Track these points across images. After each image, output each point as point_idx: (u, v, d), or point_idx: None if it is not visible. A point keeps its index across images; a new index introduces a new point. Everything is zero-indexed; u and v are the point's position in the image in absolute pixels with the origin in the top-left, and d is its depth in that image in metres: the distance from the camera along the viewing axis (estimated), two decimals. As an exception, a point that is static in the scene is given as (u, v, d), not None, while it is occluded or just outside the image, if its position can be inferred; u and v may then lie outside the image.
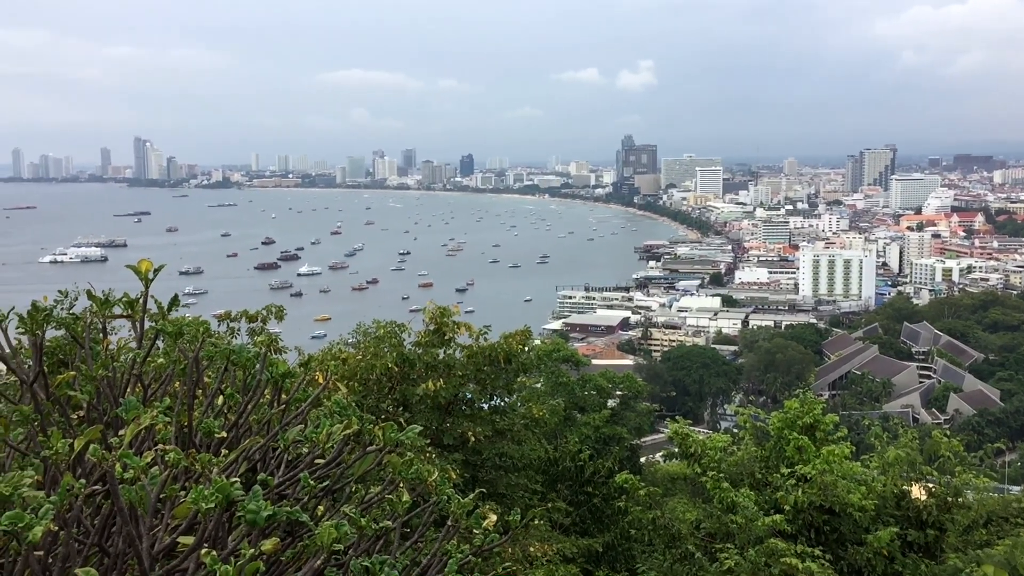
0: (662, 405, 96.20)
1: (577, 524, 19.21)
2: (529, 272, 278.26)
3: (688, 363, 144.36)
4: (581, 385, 30.76)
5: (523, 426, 16.62)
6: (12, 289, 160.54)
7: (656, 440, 58.23)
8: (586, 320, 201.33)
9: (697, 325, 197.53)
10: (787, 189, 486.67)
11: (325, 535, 3.24)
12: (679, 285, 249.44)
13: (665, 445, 37.14)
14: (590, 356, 67.97)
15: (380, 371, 14.94)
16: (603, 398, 31.42)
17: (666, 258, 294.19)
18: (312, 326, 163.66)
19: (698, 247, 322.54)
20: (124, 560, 3.42)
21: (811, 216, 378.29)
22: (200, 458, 3.52)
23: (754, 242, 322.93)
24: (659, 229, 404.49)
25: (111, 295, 5.09)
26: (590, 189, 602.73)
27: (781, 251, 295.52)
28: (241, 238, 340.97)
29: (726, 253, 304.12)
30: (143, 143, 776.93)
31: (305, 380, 5.20)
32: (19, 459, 4.11)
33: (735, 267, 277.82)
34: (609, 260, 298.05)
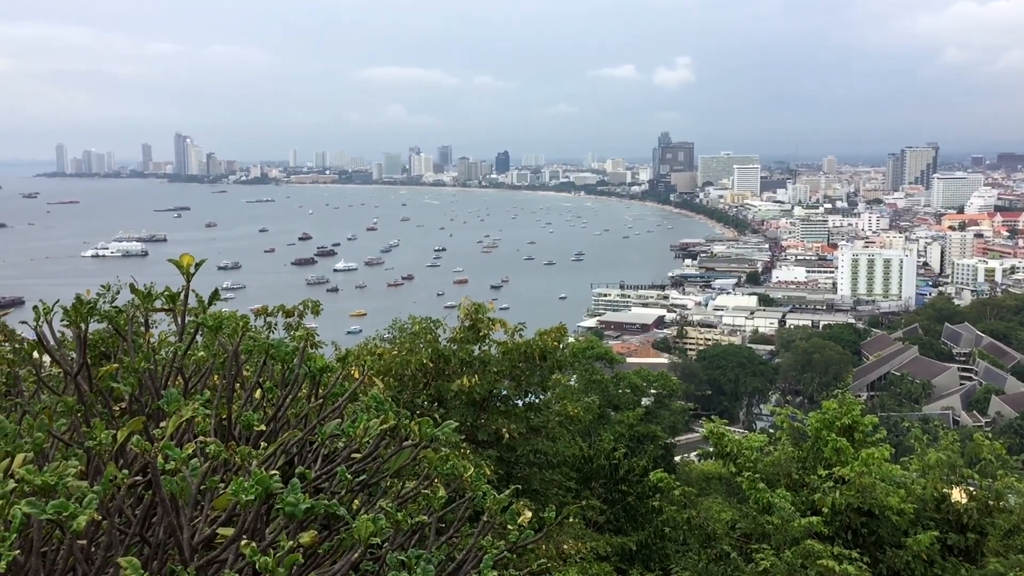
0: (697, 404, 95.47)
1: (611, 522, 19.17)
2: (564, 269, 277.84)
3: (724, 362, 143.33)
4: (615, 383, 30.71)
5: (557, 423, 16.61)
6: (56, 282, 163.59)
7: (690, 439, 57.96)
8: (621, 318, 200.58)
9: (733, 324, 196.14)
10: (826, 187, 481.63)
11: (362, 528, 3.26)
12: (715, 283, 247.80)
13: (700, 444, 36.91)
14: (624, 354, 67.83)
15: (415, 367, 15.00)
16: (637, 396, 31.34)
17: (702, 256, 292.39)
18: (348, 321, 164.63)
19: (735, 245, 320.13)
20: (165, 550, 3.46)
21: (850, 215, 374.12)
22: (240, 450, 3.55)
23: (792, 241, 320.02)
24: (695, 227, 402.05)
25: (153, 289, 5.15)
26: (626, 186, 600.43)
27: (819, 250, 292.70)
28: (278, 234, 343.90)
29: (763, 252, 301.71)
30: (183, 139, 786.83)
31: (342, 375, 5.23)
32: (63, 449, 4.18)
33: (772, 266, 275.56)
34: (645, 258, 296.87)
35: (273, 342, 4.96)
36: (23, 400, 4.81)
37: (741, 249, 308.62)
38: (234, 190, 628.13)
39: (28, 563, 3.03)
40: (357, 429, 4.30)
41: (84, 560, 2.98)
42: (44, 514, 2.71)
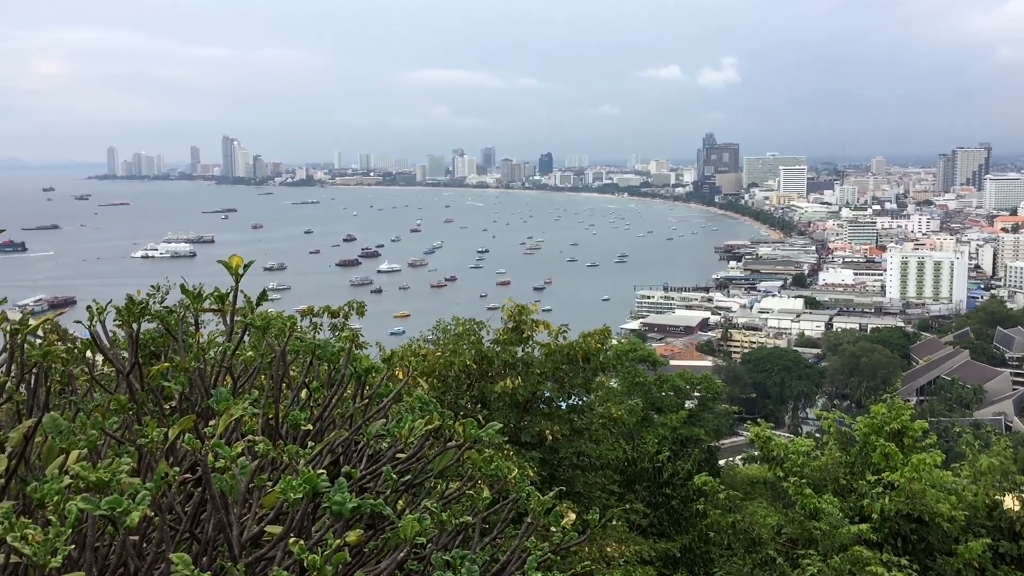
0: (741, 407, 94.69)
1: (655, 526, 19.06)
2: (607, 271, 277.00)
3: (769, 365, 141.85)
4: (659, 385, 30.50)
5: (601, 425, 16.57)
6: (106, 283, 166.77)
7: (735, 443, 57.44)
8: (664, 320, 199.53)
9: (779, 327, 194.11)
10: (874, 189, 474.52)
11: (408, 528, 3.27)
12: (760, 286, 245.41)
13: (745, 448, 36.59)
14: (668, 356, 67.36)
15: (459, 368, 15.06)
16: (681, 399, 31.09)
17: (747, 258, 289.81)
18: (391, 322, 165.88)
19: (780, 247, 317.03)
20: (214, 546, 3.51)
21: (899, 216, 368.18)
22: (287, 449, 3.59)
23: (839, 243, 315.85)
24: (740, 229, 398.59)
25: (202, 290, 5.23)
26: (670, 188, 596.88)
27: (867, 252, 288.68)
28: (323, 235, 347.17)
29: (810, 254, 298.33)
30: (231, 142, 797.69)
31: (387, 376, 5.26)
32: (115, 446, 4.26)
33: (819, 268, 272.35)
34: (689, 260, 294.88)
35: (319, 342, 5.00)
36: (77, 398, 4.91)
37: (787, 251, 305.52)
38: (280, 192, 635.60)
39: (82, 558, 3.09)
40: (402, 429, 4.32)
41: (136, 555, 3.03)
42: (98, 510, 2.76)
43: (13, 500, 3.48)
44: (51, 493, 2.85)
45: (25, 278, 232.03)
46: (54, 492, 2.85)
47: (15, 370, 4.10)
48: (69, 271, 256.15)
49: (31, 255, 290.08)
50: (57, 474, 3.04)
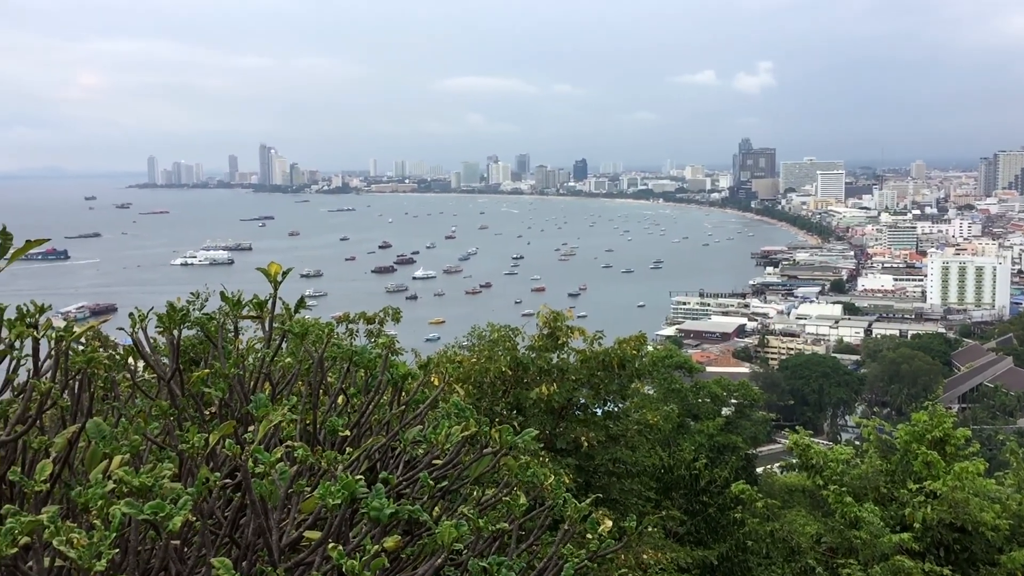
0: (779, 414, 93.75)
1: (692, 533, 18.91)
2: (642, 277, 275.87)
3: (807, 372, 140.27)
4: (695, 392, 30.35)
5: (637, 432, 16.48)
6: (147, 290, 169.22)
7: (773, 450, 56.89)
8: (701, 326, 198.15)
9: (817, 333, 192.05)
10: (914, 193, 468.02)
11: (446, 534, 3.28)
12: (798, 292, 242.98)
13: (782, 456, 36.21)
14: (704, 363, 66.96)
15: (494, 374, 15.06)
16: (717, 406, 30.90)
17: (784, 264, 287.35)
18: (426, 329, 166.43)
19: (818, 253, 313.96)
20: (254, 551, 3.54)
21: (940, 221, 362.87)
22: (326, 455, 3.62)
23: (878, 248, 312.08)
24: (777, 234, 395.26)
25: (241, 297, 5.29)
26: (705, 193, 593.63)
27: (907, 257, 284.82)
28: (359, 242, 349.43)
29: (848, 259, 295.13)
30: (268, 150, 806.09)
31: (423, 382, 5.28)
32: (156, 452, 4.32)
33: (858, 274, 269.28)
34: (725, 266, 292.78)
35: (357, 349, 5.04)
36: (120, 404, 4.99)
37: (825, 256, 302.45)
38: (316, 199, 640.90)
39: (125, 561, 3.13)
40: (439, 436, 4.34)
41: (177, 559, 3.07)
42: (142, 514, 2.80)
43: (58, 504, 3.55)
44: (95, 497, 2.90)
45: (68, 285, 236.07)
46: (98, 496, 2.90)
47: (60, 376, 4.17)
48: (110, 278, 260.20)
49: (73, 263, 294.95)
50: (101, 479, 3.09)
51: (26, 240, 3.38)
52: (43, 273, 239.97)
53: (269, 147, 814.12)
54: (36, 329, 3.98)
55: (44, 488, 3.22)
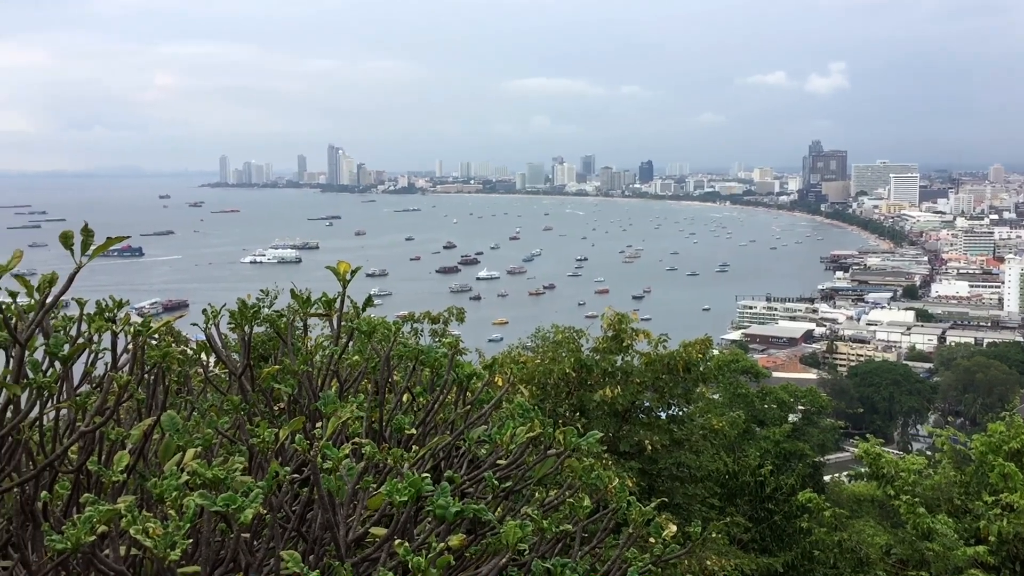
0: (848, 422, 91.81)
1: (756, 541, 18.64)
2: (708, 280, 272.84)
3: (877, 379, 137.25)
4: (761, 398, 29.90)
5: (701, 437, 16.31)
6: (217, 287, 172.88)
7: (841, 459, 55.79)
8: (767, 331, 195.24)
9: (888, 340, 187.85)
10: (992, 197, 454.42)
11: (510, 534, 3.29)
12: (868, 297, 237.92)
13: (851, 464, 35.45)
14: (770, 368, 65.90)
15: (558, 376, 15.04)
16: (784, 412, 30.40)
17: (855, 269, 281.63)
18: (490, 329, 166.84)
19: (890, 258, 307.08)
20: (320, 545, 3.59)
21: (1019, 226, 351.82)
22: (392, 452, 3.65)
23: (953, 253, 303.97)
24: (847, 238, 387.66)
25: (310, 295, 5.36)
26: (774, 196, 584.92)
27: (984, 263, 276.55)
28: (424, 242, 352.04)
29: (921, 265, 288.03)
30: (336, 150, 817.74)
31: (488, 382, 5.30)
32: (227, 445, 4.40)
33: (931, 280, 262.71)
34: (793, 270, 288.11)
35: (423, 348, 5.08)
36: (192, 398, 5.11)
37: (897, 262, 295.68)
38: (382, 199, 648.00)
39: (197, 552, 3.20)
40: (504, 436, 4.34)
41: (247, 551, 3.12)
42: (214, 506, 2.86)
43: (133, 495, 3.64)
44: (170, 489, 2.96)
45: (142, 281, 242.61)
46: (173, 488, 2.96)
47: (136, 370, 4.28)
48: (183, 275, 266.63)
49: (148, 259, 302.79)
50: (175, 471, 3.16)
51: (107, 237, 3.48)
52: (119, 269, 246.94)
53: (337, 147, 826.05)
54: (115, 324, 4.09)
55: (121, 478, 3.31)
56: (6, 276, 3.39)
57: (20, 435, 3.42)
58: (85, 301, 4.16)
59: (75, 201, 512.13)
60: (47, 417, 3.81)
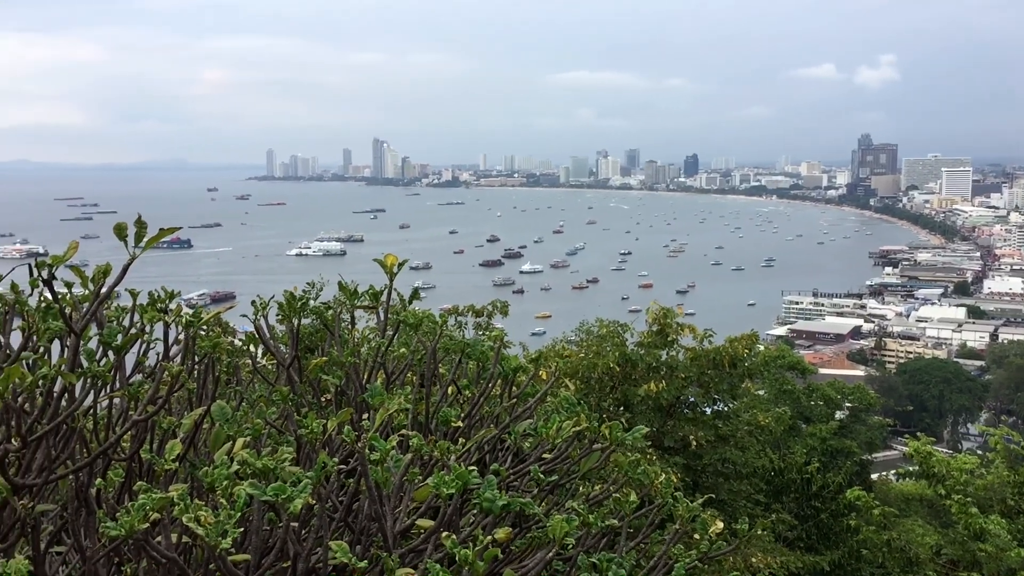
0: (896, 420, 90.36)
1: (802, 539, 18.42)
2: (753, 275, 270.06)
3: (927, 377, 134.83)
4: (807, 394, 29.59)
5: (747, 432, 16.15)
6: (265, 279, 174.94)
7: (888, 457, 55.00)
8: (814, 327, 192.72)
9: (938, 337, 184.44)
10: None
11: (557, 528, 3.27)
12: (918, 293, 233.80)
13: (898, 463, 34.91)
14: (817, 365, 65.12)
15: (602, 370, 14.99)
16: (831, 409, 30.06)
17: (904, 264, 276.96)
18: (533, 323, 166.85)
19: (941, 253, 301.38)
20: (368, 536, 3.61)
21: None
22: (439, 445, 3.66)
23: (1007, 249, 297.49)
24: (897, 233, 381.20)
25: (357, 287, 5.39)
26: (821, 190, 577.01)
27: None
28: (467, 235, 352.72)
29: (973, 261, 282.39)
30: (381, 144, 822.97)
31: (533, 376, 5.29)
32: (275, 436, 4.44)
33: (984, 276, 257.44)
34: (841, 265, 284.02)
35: (469, 341, 5.08)
36: (241, 388, 5.16)
37: (948, 257, 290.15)
38: (426, 193, 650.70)
39: (246, 540, 3.23)
40: (550, 429, 4.33)
41: (296, 541, 3.15)
42: (264, 495, 2.88)
43: (183, 483, 3.69)
44: (220, 478, 2.99)
45: (191, 273, 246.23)
46: (223, 477, 3.00)
47: (187, 360, 4.33)
48: (229, 267, 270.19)
49: (196, 251, 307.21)
50: (225, 460, 3.19)
51: (160, 228, 3.52)
52: (168, 261, 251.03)
53: (382, 141, 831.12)
54: (167, 314, 4.15)
55: (173, 467, 3.36)
56: (61, 267, 3.44)
57: (75, 423, 3.48)
58: (138, 292, 4.22)
59: (126, 193, 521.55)
60: (100, 406, 3.88)
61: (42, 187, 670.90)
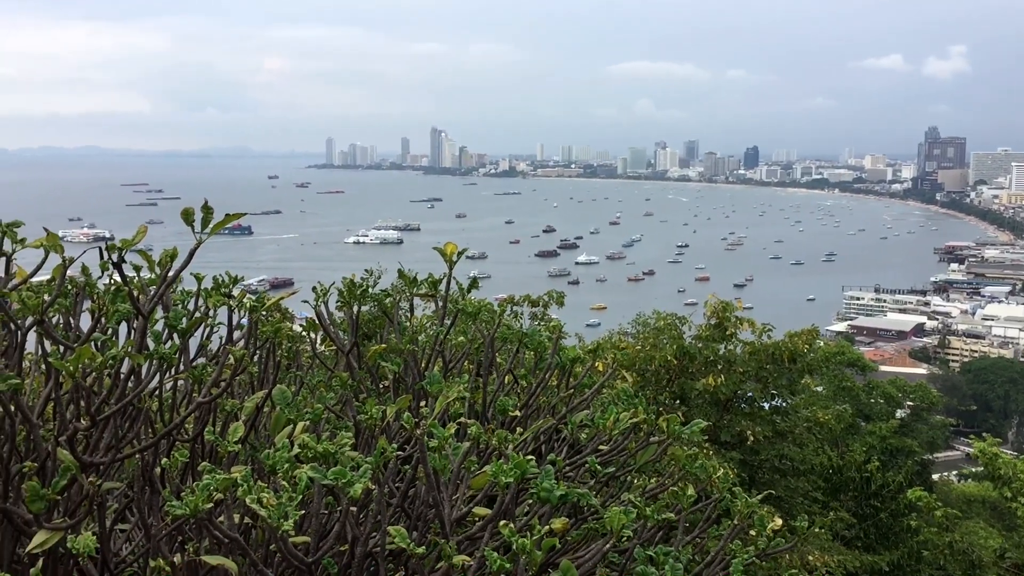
0: (959, 420, 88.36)
1: (860, 538, 18.12)
2: (813, 270, 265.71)
3: (992, 376, 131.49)
4: (867, 391, 29.09)
5: (805, 429, 15.93)
6: (323, 267, 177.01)
7: (950, 457, 53.88)
8: (875, 323, 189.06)
9: (1005, 336, 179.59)
10: None
11: (615, 520, 3.25)
12: (985, 291, 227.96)
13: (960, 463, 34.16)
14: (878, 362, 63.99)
15: (659, 363, 14.89)
16: (891, 407, 29.52)
17: (971, 261, 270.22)
18: (588, 314, 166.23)
19: (1010, 250, 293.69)
20: (424, 522, 3.63)
21: None
22: (497, 434, 3.66)
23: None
24: (964, 229, 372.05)
25: (416, 275, 5.42)
26: (886, 184, 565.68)
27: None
28: (523, 225, 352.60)
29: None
30: (439, 133, 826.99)
31: (590, 367, 5.27)
32: (333, 421, 4.49)
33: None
34: (904, 261, 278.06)
35: (528, 331, 5.07)
36: (302, 373, 5.23)
37: (1018, 254, 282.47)
38: (483, 182, 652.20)
39: (306, 523, 3.27)
40: (607, 421, 4.31)
41: (355, 525, 3.17)
42: (325, 479, 2.91)
43: (243, 465, 3.75)
44: (281, 461, 3.03)
45: (251, 259, 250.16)
46: (284, 460, 3.03)
47: (250, 345, 4.39)
48: (288, 254, 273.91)
49: (256, 238, 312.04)
50: (286, 443, 3.23)
51: (225, 214, 3.57)
52: (229, 246, 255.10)
53: (440, 130, 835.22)
54: (230, 299, 4.21)
55: (236, 449, 3.41)
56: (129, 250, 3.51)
57: (141, 404, 3.55)
58: (203, 276, 4.29)
59: (189, 180, 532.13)
60: (164, 387, 3.95)
61: (109, 173, 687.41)
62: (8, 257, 3.72)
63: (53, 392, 3.33)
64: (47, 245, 3.51)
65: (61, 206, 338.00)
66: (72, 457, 3.25)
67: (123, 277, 3.51)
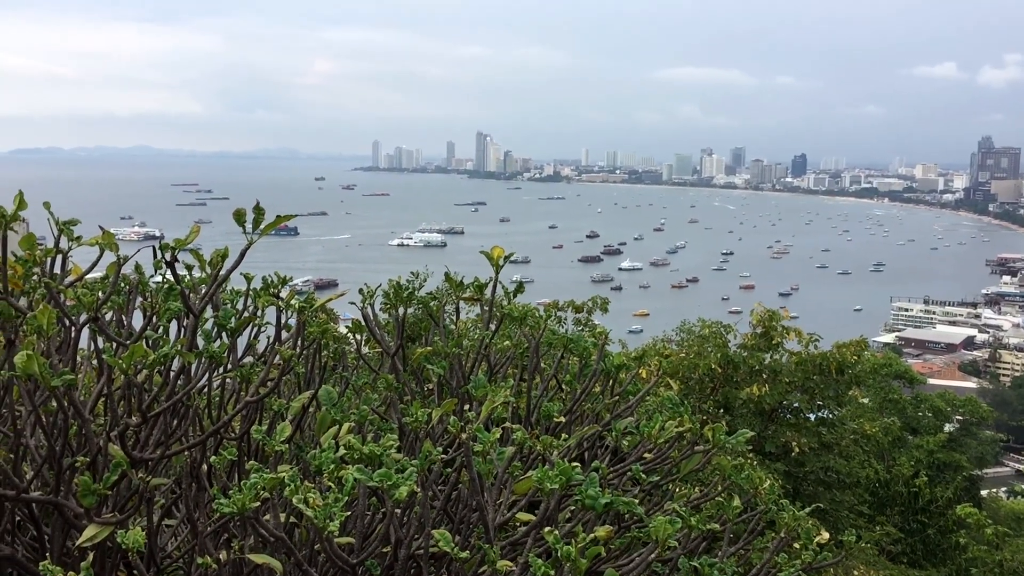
0: (1010, 435, 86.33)
1: (907, 553, 17.79)
2: (860, 280, 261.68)
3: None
4: (915, 404, 28.57)
5: (852, 441, 15.68)
6: (368, 268, 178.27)
7: (1000, 473, 52.72)
8: (923, 335, 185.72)
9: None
10: None
11: (661, 529, 3.21)
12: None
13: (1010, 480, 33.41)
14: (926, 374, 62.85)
15: (703, 371, 14.77)
16: (940, 421, 28.96)
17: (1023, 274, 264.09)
18: (630, 321, 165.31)
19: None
20: (468, 526, 3.62)
21: None
22: (543, 440, 3.64)
23: None
24: (1018, 241, 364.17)
25: (463, 279, 5.42)
26: (937, 194, 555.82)
27: None
28: (567, 231, 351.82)
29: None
30: (484, 137, 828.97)
31: (634, 374, 5.23)
32: (378, 422, 4.50)
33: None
34: (954, 272, 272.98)
35: (573, 337, 5.05)
36: (348, 374, 5.25)
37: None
38: (528, 187, 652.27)
39: (350, 524, 3.28)
40: (652, 429, 4.26)
41: (399, 527, 3.17)
42: (371, 481, 2.91)
43: (290, 464, 3.77)
44: (327, 462, 3.04)
45: (296, 260, 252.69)
46: (330, 461, 3.04)
47: (298, 345, 4.42)
48: (333, 255, 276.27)
49: (302, 239, 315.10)
50: (332, 444, 3.25)
51: (276, 215, 3.60)
52: (275, 247, 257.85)
53: (485, 134, 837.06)
54: (279, 299, 4.24)
55: (283, 448, 3.43)
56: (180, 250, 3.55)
57: (191, 402, 3.59)
58: (252, 276, 4.32)
59: (238, 181, 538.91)
60: (212, 386, 3.99)
61: (160, 172, 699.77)
62: (64, 254, 3.78)
63: (105, 388, 3.38)
64: (102, 243, 3.57)
65: (113, 205, 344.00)
66: (123, 453, 3.29)
67: (176, 276, 3.55)
